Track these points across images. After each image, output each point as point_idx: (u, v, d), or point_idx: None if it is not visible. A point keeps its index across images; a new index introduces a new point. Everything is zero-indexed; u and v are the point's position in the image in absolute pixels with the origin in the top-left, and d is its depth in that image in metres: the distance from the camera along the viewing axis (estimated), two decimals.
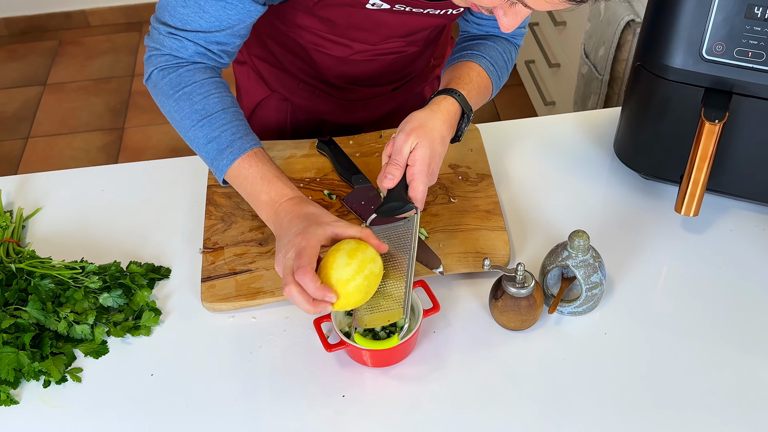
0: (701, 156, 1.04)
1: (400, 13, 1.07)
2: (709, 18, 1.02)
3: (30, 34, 3.46)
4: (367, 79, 1.27)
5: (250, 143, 1.01)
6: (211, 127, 1.00)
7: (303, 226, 0.91)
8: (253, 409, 0.95)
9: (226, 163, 1.00)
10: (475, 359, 0.99)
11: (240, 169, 0.99)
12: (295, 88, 1.31)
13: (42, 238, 1.16)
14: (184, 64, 1.03)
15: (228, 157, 1.00)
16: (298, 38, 1.18)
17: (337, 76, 1.26)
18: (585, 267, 0.99)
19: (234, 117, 1.02)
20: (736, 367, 0.98)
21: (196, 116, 1.01)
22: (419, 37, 1.19)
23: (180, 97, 1.02)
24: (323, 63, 1.22)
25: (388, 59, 1.22)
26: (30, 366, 0.97)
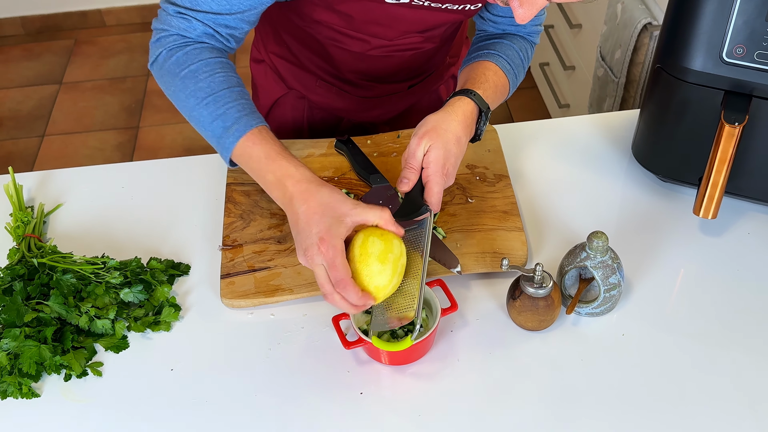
0: (720, 158, 1.04)
1: (418, 8, 1.07)
2: (729, 21, 1.02)
3: (46, 33, 3.49)
4: (384, 75, 1.27)
5: (255, 121, 0.98)
6: (216, 104, 0.98)
7: (325, 227, 0.89)
8: (272, 405, 0.96)
9: (232, 141, 0.97)
10: (492, 358, 1.00)
11: (245, 148, 0.97)
12: (312, 86, 1.32)
13: (63, 233, 1.17)
14: (191, 43, 1.03)
15: (234, 134, 0.97)
16: (316, 34, 1.18)
17: (353, 72, 1.26)
18: (603, 268, 1.00)
19: (239, 95, 1.00)
20: (753, 371, 0.98)
21: (201, 94, 0.99)
22: (436, 33, 1.19)
23: (186, 75, 1.00)
24: (340, 59, 1.23)
25: (405, 56, 1.22)
26: (51, 360, 0.98)
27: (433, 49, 1.25)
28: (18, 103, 3.12)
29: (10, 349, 0.98)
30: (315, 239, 0.89)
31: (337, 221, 0.90)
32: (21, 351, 0.97)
